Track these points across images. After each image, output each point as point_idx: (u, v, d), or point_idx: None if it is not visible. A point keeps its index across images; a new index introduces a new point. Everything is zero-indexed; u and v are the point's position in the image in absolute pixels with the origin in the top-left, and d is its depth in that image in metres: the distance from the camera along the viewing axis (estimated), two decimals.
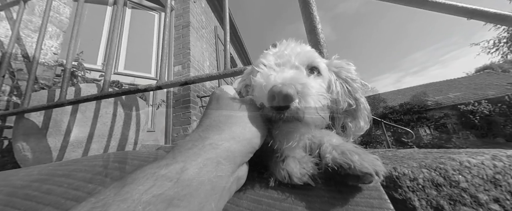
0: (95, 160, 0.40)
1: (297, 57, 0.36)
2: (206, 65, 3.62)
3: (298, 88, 0.27)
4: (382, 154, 0.47)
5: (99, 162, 0.40)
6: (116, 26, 0.93)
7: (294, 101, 0.26)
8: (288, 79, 0.28)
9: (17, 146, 0.97)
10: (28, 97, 0.99)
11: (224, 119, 0.28)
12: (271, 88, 0.26)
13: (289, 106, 0.27)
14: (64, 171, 0.37)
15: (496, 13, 0.50)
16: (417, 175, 0.32)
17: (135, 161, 0.39)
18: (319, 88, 0.32)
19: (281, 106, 0.27)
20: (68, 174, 0.36)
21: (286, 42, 0.40)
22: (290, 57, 0.36)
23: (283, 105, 0.26)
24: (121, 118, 1.15)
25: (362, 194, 0.26)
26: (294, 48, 0.38)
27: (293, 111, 0.27)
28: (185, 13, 3.38)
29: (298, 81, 0.28)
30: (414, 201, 0.30)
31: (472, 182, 0.30)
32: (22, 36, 1.51)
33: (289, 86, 0.26)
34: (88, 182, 0.33)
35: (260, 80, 0.31)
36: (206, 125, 0.27)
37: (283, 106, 0.27)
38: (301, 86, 0.27)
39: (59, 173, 0.36)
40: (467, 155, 0.34)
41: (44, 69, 1.58)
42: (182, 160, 0.21)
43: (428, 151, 0.44)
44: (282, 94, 0.26)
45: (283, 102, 0.26)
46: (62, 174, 0.36)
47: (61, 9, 1.83)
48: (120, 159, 0.41)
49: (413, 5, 0.58)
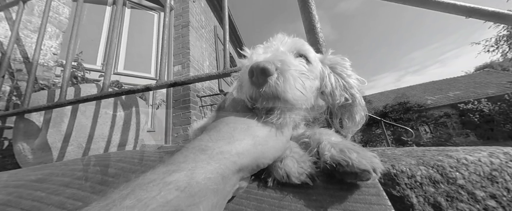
0: (74, 164, 0.39)
1: (283, 44, 0.38)
2: (205, 64, 3.62)
3: (277, 64, 0.28)
4: (381, 152, 0.47)
5: (79, 166, 0.39)
6: (116, 26, 0.94)
7: (271, 75, 0.27)
8: (268, 57, 0.29)
9: (18, 146, 0.97)
10: (28, 98, 0.99)
11: (239, 130, 0.27)
12: (250, 64, 0.28)
13: (267, 80, 0.27)
14: (38, 175, 0.36)
15: (494, 11, 0.50)
16: (415, 172, 0.32)
17: (120, 164, 0.38)
18: (301, 68, 0.32)
19: (259, 81, 0.27)
20: (44, 178, 0.34)
21: (278, 36, 0.41)
22: (277, 46, 0.38)
23: (261, 79, 0.27)
24: (121, 118, 1.16)
25: (361, 191, 0.26)
26: (284, 39, 0.40)
27: (272, 86, 0.27)
28: (185, 12, 3.38)
29: (277, 58, 0.29)
30: (412, 198, 0.31)
31: (469, 179, 0.30)
32: (22, 37, 1.51)
33: (266, 62, 0.27)
34: (66, 185, 0.32)
35: (244, 62, 0.33)
36: (219, 130, 0.27)
37: (262, 81, 0.27)
38: (280, 62, 0.28)
39: (33, 178, 0.35)
40: (464, 152, 0.34)
41: (43, 70, 1.58)
42: (190, 168, 0.20)
43: (426, 149, 0.45)
44: (259, 68, 0.26)
45: (260, 76, 0.27)
46: (36, 180, 0.34)
47: (60, 9, 1.83)
48: (102, 162, 0.39)
49: (413, 3, 0.59)
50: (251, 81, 0.28)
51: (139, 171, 0.35)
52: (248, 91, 0.30)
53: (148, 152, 0.43)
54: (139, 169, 0.35)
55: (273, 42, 0.39)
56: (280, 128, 0.30)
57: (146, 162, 0.37)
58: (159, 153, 0.42)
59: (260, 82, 0.27)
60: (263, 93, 0.28)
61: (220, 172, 0.21)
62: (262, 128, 0.28)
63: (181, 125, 2.75)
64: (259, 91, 0.28)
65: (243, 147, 0.25)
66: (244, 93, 0.31)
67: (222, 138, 0.25)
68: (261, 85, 0.28)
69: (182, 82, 0.75)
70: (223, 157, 0.23)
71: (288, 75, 0.28)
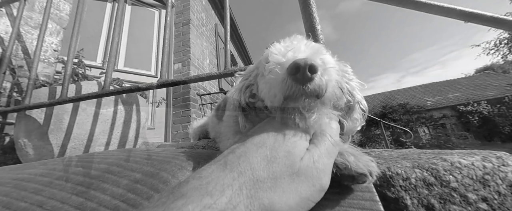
0: (55, 164, 0.38)
1: (307, 47, 0.36)
2: (206, 63, 3.62)
3: (319, 62, 0.26)
4: (378, 154, 0.48)
5: (59, 166, 0.37)
6: (117, 25, 0.94)
7: (317, 73, 0.26)
8: (309, 54, 0.28)
9: (19, 143, 0.98)
10: (30, 94, 1.00)
11: (285, 177, 0.22)
12: (294, 60, 0.26)
13: (313, 78, 0.26)
14: (18, 174, 0.35)
15: (492, 16, 0.51)
16: (410, 174, 0.33)
17: (101, 165, 0.36)
18: (337, 68, 0.32)
19: (305, 78, 0.25)
20: (25, 177, 0.34)
21: (297, 37, 0.40)
22: (300, 47, 0.36)
23: (309, 76, 0.25)
24: (121, 116, 1.16)
25: (355, 195, 0.27)
26: (301, 40, 0.38)
27: (317, 84, 0.26)
28: (186, 10, 3.37)
29: (319, 55, 0.28)
30: (406, 199, 0.32)
31: (462, 182, 0.31)
32: (22, 33, 1.51)
33: (312, 58, 0.25)
34: (46, 185, 0.31)
35: (278, 57, 0.29)
36: (266, 166, 0.22)
37: (307, 78, 0.25)
38: (322, 61, 0.27)
39: (14, 177, 0.34)
40: (458, 156, 0.35)
41: (44, 66, 1.58)
42: (227, 197, 0.19)
43: (422, 152, 0.46)
44: (307, 64, 0.25)
45: (306, 73, 0.25)
46: (18, 178, 0.34)
47: (61, 5, 1.82)
48: (84, 164, 0.37)
49: (412, 7, 0.59)
50: (295, 78, 0.26)
51: (121, 174, 0.32)
52: (285, 88, 0.27)
53: (134, 152, 0.40)
54: (122, 172, 0.33)
55: (293, 42, 0.38)
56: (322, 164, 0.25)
57: (131, 164, 0.35)
58: (148, 153, 0.40)
59: (305, 79, 0.26)
60: (308, 91, 0.26)
61: None
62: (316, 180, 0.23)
63: (181, 123, 2.76)
64: (303, 89, 0.26)
65: (281, 198, 0.21)
66: (275, 91, 0.28)
67: (265, 181, 0.21)
68: (306, 82, 0.26)
69: (183, 81, 0.75)
70: (256, 198, 0.20)
71: (332, 72, 0.27)
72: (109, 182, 0.30)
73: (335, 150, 0.28)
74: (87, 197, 0.29)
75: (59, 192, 0.30)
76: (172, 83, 0.76)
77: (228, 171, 0.21)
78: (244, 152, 0.24)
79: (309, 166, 0.24)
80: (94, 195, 0.28)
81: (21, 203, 0.28)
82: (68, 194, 0.29)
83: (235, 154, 0.24)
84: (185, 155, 0.38)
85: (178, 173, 0.32)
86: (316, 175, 0.23)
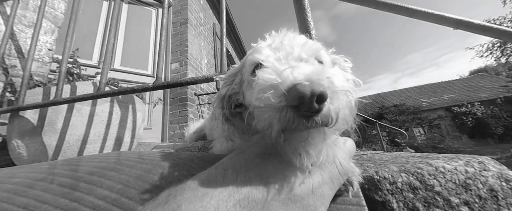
0: (40, 167, 0.37)
1: (303, 48, 0.30)
2: (203, 63, 3.61)
3: (325, 84, 0.20)
4: (370, 157, 0.50)
5: (45, 168, 0.36)
6: (113, 24, 0.93)
7: (326, 101, 0.20)
8: (311, 74, 0.21)
9: (12, 143, 0.97)
10: (23, 95, 0.99)
11: (276, 202, 0.21)
12: (294, 86, 0.19)
13: (321, 108, 0.20)
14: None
15: (480, 24, 0.52)
16: (396, 179, 0.34)
17: (90, 168, 0.35)
18: (345, 82, 0.24)
19: (312, 111, 0.20)
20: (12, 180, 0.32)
21: (279, 33, 0.35)
22: (292, 49, 0.30)
23: (316, 108, 0.20)
24: (117, 117, 1.16)
25: (342, 200, 0.27)
26: (293, 38, 0.33)
27: (325, 115, 0.20)
28: (183, 9, 3.36)
29: (324, 75, 0.21)
30: (393, 203, 0.33)
31: (446, 186, 0.32)
32: (16, 32, 1.49)
33: (319, 83, 0.19)
34: (30, 187, 0.31)
35: (270, 77, 0.22)
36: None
37: (314, 110, 0.20)
38: (329, 82, 0.21)
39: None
40: (443, 160, 0.36)
41: (38, 66, 1.56)
42: None
43: (411, 155, 0.47)
44: (315, 93, 0.19)
45: (316, 105, 0.19)
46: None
47: (56, 4, 1.80)
48: (72, 167, 0.36)
49: (404, 13, 0.60)
50: (297, 110, 0.20)
51: (114, 178, 0.32)
52: (284, 122, 0.21)
53: (124, 155, 0.39)
54: (115, 175, 0.33)
55: (278, 40, 0.32)
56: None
57: (122, 168, 0.34)
58: (139, 155, 0.39)
59: (312, 111, 0.20)
60: (314, 124, 0.20)
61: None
62: None
63: (178, 123, 2.75)
64: (309, 123, 0.20)
65: None
66: (270, 121, 0.22)
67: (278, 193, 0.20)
68: (312, 115, 0.20)
69: (179, 83, 0.76)
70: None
71: (342, 97, 0.22)
72: (100, 185, 0.31)
73: (341, 180, 0.24)
74: (75, 199, 0.29)
75: (44, 194, 0.30)
76: (167, 85, 0.76)
77: (225, 185, 0.21)
78: (243, 165, 0.23)
79: (307, 194, 0.21)
80: (81, 197, 0.28)
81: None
82: (56, 197, 0.29)
83: (234, 169, 0.23)
84: (178, 157, 0.38)
85: (170, 177, 0.33)
86: (312, 204, 0.21)
